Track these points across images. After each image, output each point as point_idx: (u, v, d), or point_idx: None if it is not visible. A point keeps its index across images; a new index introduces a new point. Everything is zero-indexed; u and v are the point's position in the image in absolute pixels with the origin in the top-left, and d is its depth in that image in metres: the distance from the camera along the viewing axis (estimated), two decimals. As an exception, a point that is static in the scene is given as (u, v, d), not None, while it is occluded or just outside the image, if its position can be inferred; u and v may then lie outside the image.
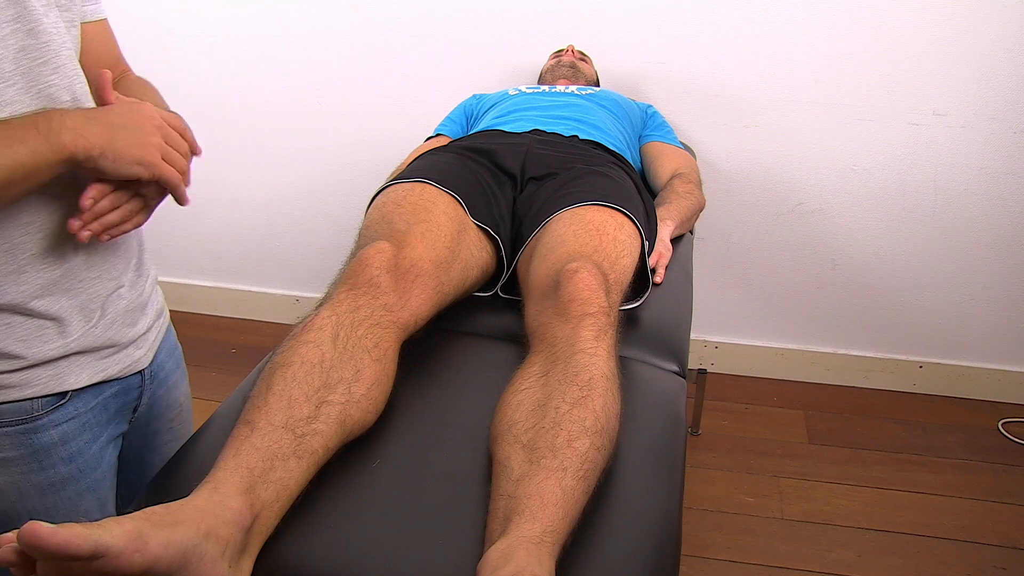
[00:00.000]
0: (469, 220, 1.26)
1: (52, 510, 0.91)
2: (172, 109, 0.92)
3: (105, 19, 0.97)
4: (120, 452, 1.02)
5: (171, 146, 0.83)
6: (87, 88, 0.87)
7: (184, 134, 0.86)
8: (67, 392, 0.89)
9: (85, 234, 0.81)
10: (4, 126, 0.74)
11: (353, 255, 1.10)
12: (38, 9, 0.80)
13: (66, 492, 0.92)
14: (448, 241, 1.17)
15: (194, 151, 0.88)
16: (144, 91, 1.01)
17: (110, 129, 0.78)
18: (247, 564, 0.76)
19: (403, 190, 1.25)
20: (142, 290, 0.98)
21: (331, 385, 0.89)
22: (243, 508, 0.74)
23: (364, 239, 1.15)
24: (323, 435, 0.85)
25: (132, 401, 0.99)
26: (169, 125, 0.84)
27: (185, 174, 0.85)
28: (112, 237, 0.84)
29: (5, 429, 0.86)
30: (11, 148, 0.73)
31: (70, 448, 0.91)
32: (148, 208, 0.86)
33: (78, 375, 0.89)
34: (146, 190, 0.84)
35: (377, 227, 1.17)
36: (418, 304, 1.08)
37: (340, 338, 0.94)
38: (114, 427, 0.98)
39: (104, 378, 0.93)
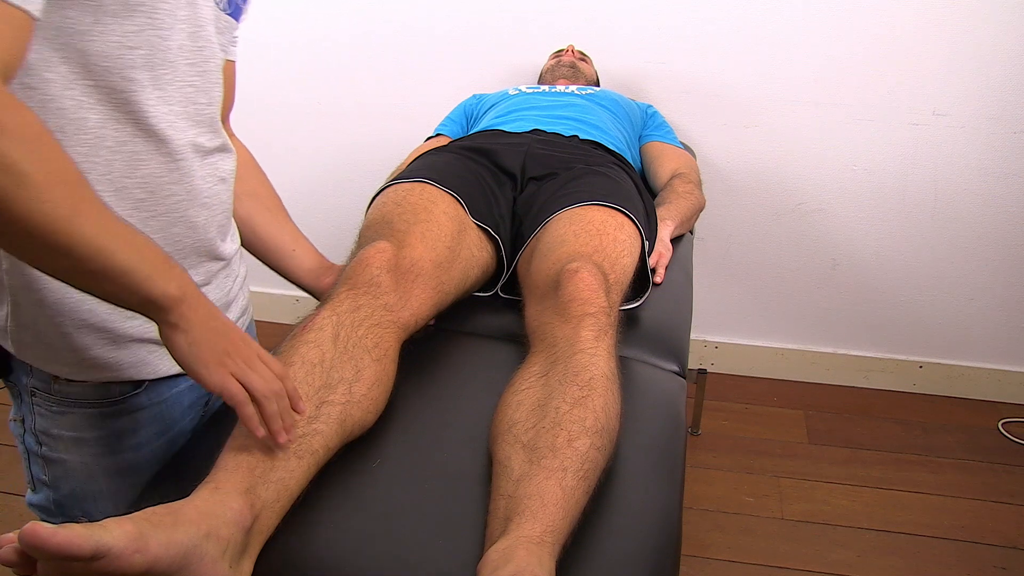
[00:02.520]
0: (469, 220, 1.26)
1: (117, 495, 0.93)
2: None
3: (235, 61, 0.99)
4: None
5: (254, 372, 0.78)
6: (218, 106, 0.89)
7: (283, 380, 0.80)
8: (144, 381, 0.90)
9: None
10: (154, 250, 0.72)
11: (353, 255, 1.10)
12: (206, 16, 0.82)
13: (132, 479, 0.94)
14: (448, 241, 1.17)
15: (295, 407, 0.82)
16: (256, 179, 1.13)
17: (207, 324, 0.75)
18: (247, 564, 0.76)
19: (403, 190, 1.25)
20: (229, 288, 0.99)
21: (332, 385, 0.89)
22: (244, 508, 0.75)
23: (364, 239, 1.15)
24: (323, 435, 0.85)
25: (204, 395, 1.00)
26: (264, 362, 0.79)
27: (267, 414, 0.78)
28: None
29: (85, 410, 0.88)
30: (137, 254, 0.70)
31: (139, 437, 0.93)
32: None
33: (156, 365, 0.90)
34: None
35: (377, 227, 1.17)
36: (418, 304, 1.08)
37: (341, 338, 0.94)
38: (186, 423, 0.99)
39: (181, 371, 0.93)
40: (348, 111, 2.29)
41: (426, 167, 1.32)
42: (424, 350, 1.12)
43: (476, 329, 1.23)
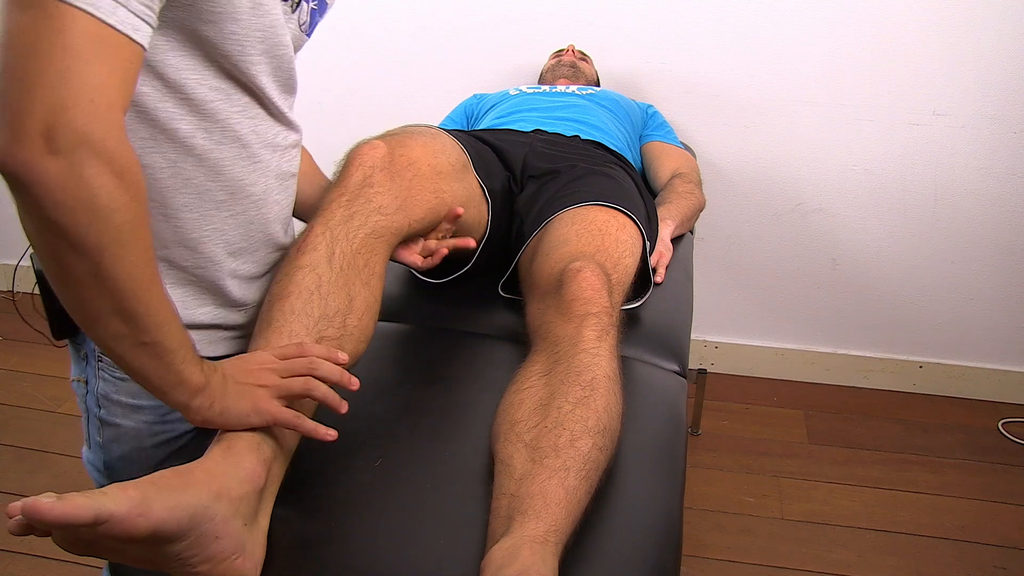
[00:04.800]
0: (472, 168, 1.23)
1: (161, 463, 0.95)
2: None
3: None
4: None
5: (293, 374, 0.80)
6: (292, 104, 0.92)
7: (305, 353, 0.82)
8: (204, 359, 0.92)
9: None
10: (186, 332, 0.74)
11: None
12: (282, 26, 0.85)
13: (176, 449, 0.96)
14: (452, 159, 1.13)
15: (333, 359, 0.83)
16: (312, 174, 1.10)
17: (226, 388, 0.77)
18: (263, 520, 0.77)
19: (410, 125, 1.22)
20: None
21: (329, 316, 0.89)
22: (256, 465, 0.76)
23: None
24: None
25: None
26: (284, 357, 0.81)
27: (321, 396, 0.81)
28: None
29: None
30: (181, 335, 0.72)
31: None
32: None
33: (218, 346, 0.93)
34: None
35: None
36: (414, 207, 1.03)
37: (336, 256, 0.93)
38: None
39: (236, 350, 0.96)
40: (348, 111, 2.29)
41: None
42: (426, 349, 1.12)
43: (477, 328, 1.23)
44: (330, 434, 0.80)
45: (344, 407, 0.82)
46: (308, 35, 0.94)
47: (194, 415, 0.76)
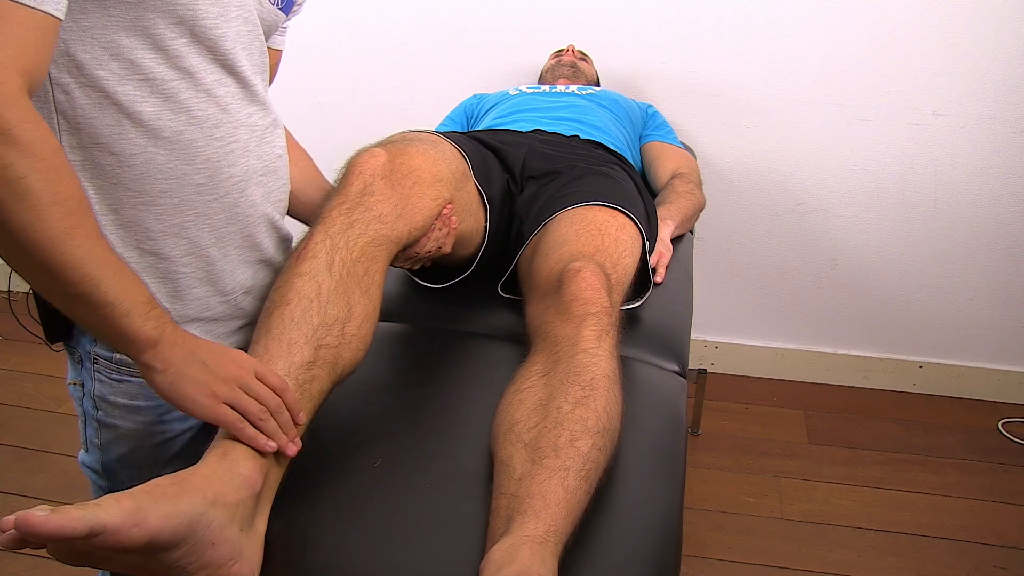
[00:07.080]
0: (471, 174, 1.24)
1: (160, 464, 0.95)
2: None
3: (281, 51, 1.05)
4: None
5: (250, 395, 0.78)
6: (266, 85, 0.93)
7: (281, 394, 0.80)
8: None
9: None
10: (139, 289, 0.75)
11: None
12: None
13: (175, 449, 0.96)
14: (452, 166, 1.14)
15: (294, 418, 0.81)
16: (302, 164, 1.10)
17: (187, 360, 0.77)
18: (260, 524, 0.77)
19: (409, 131, 1.22)
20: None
21: (328, 324, 0.89)
22: (253, 471, 0.76)
23: None
24: (319, 380, 0.86)
25: None
26: (262, 378, 0.80)
27: (268, 431, 0.78)
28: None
29: (141, 379, 0.90)
30: (121, 289, 0.73)
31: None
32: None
33: (222, 341, 0.93)
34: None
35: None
36: (414, 214, 1.04)
37: (335, 264, 0.93)
38: None
39: (241, 343, 0.95)
40: (348, 111, 2.29)
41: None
42: (426, 349, 1.12)
43: (477, 328, 1.23)
44: (270, 446, 0.78)
45: (271, 448, 0.79)
46: (286, 11, 0.94)
47: (146, 373, 0.77)
